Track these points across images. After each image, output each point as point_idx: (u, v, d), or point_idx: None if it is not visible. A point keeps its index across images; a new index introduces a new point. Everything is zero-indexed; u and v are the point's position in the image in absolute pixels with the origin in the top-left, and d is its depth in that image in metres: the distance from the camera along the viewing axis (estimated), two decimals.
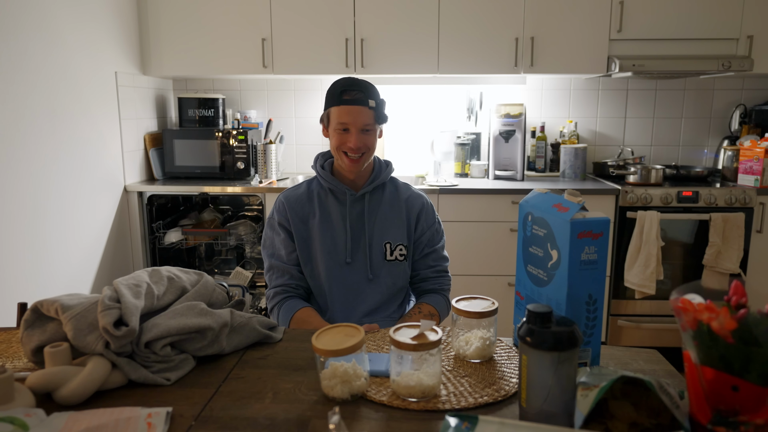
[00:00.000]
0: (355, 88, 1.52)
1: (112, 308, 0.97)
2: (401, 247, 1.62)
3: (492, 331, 1.09)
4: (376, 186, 1.64)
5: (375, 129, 1.56)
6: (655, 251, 2.82)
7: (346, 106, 1.51)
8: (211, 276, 1.30)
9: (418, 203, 1.66)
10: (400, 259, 1.62)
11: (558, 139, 3.48)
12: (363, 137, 1.53)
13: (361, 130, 1.52)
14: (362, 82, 1.55)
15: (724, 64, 2.89)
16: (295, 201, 1.62)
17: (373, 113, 1.53)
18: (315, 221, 1.61)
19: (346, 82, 1.54)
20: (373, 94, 1.55)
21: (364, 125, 1.52)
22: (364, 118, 1.52)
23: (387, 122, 1.61)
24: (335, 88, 1.54)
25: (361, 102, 1.51)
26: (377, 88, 1.58)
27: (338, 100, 1.52)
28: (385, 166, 1.69)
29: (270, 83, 3.56)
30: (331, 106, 1.55)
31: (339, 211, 1.61)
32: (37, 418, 0.82)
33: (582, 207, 0.99)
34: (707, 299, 0.75)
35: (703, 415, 0.76)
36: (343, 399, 0.93)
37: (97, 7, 2.75)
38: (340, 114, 1.52)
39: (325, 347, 0.93)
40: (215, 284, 1.22)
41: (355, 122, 1.51)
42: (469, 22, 3.02)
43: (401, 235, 1.62)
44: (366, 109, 1.52)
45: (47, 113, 2.40)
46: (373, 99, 1.54)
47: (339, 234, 1.59)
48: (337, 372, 0.94)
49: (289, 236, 1.61)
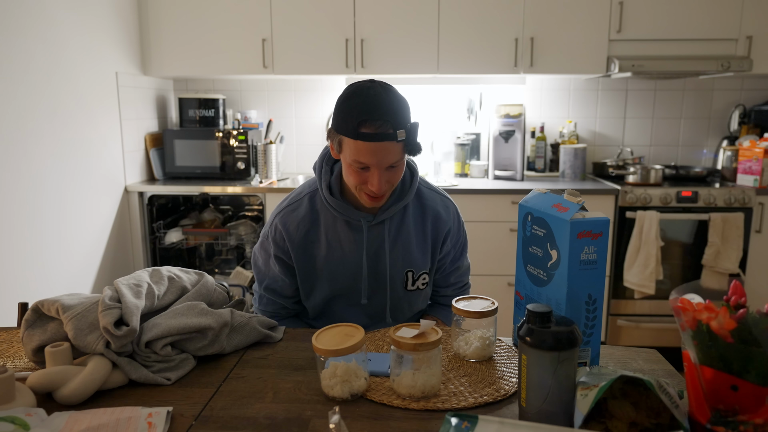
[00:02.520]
0: (377, 116, 1.13)
1: (112, 308, 0.98)
2: (424, 276, 1.38)
3: (492, 331, 1.09)
4: (399, 208, 1.34)
5: (403, 160, 1.22)
6: (655, 251, 2.83)
7: (367, 143, 1.14)
8: (212, 276, 1.29)
9: (446, 220, 1.39)
10: (422, 288, 1.39)
11: (557, 139, 3.48)
12: (388, 175, 1.20)
13: (386, 168, 1.19)
14: (386, 105, 1.14)
15: (724, 64, 2.89)
16: (295, 228, 1.31)
17: (403, 146, 1.18)
18: (321, 253, 1.32)
19: (365, 107, 1.14)
20: (402, 120, 1.16)
21: (391, 163, 1.18)
22: (391, 156, 1.17)
23: (420, 152, 1.22)
24: (350, 115, 1.15)
25: (386, 137, 1.14)
26: (406, 103, 1.20)
27: (354, 133, 1.15)
28: (410, 178, 1.35)
29: (270, 83, 3.56)
30: (344, 135, 1.17)
31: (353, 239, 1.31)
32: (38, 417, 0.82)
33: (581, 207, 0.99)
34: (706, 299, 0.75)
35: (702, 415, 0.76)
36: (343, 399, 0.93)
37: (97, 8, 2.76)
38: (358, 152, 1.16)
39: (325, 347, 0.93)
40: (215, 284, 1.22)
41: (380, 163, 1.17)
42: (469, 23, 3.03)
43: (425, 261, 1.37)
44: (392, 143, 1.15)
45: (48, 114, 2.40)
46: (402, 127, 1.16)
47: (353, 270, 1.32)
48: (337, 372, 0.94)
49: (288, 271, 1.36)
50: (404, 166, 1.26)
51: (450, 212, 1.43)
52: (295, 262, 1.34)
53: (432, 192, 1.43)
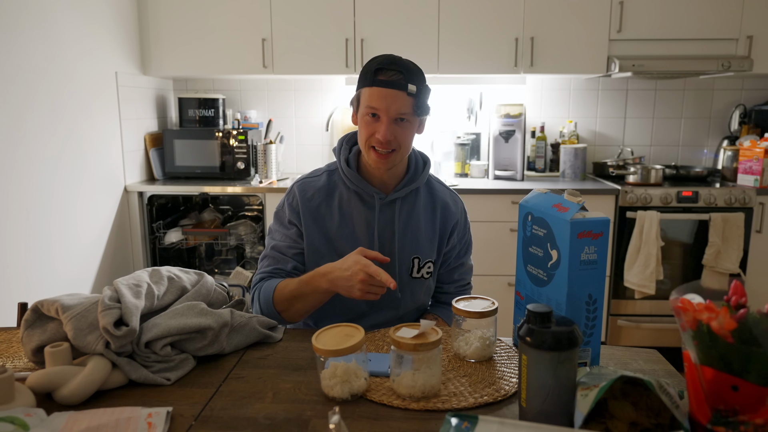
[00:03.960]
0: (393, 67, 1.26)
1: (112, 308, 0.97)
2: (429, 265, 1.41)
3: (492, 331, 1.09)
4: (410, 190, 1.40)
5: (413, 121, 1.30)
6: (655, 251, 2.83)
7: (380, 89, 1.25)
8: (212, 276, 1.29)
9: (454, 213, 1.45)
10: (426, 277, 1.42)
11: (558, 139, 3.48)
12: (395, 128, 1.27)
13: (393, 120, 1.27)
14: (404, 62, 1.28)
15: (724, 64, 2.89)
16: (311, 195, 1.38)
17: (412, 101, 1.27)
18: (332, 226, 1.37)
19: (385, 59, 1.28)
20: (416, 78, 1.27)
21: (399, 113, 1.26)
22: (400, 105, 1.25)
23: (429, 114, 1.34)
24: (371, 65, 1.28)
25: (398, 85, 1.25)
26: (423, 73, 1.31)
27: (371, 80, 1.26)
28: (422, 164, 1.43)
29: (270, 83, 3.56)
30: (363, 86, 1.29)
31: (364, 216, 1.37)
32: (38, 417, 0.82)
33: (582, 207, 0.99)
34: (707, 299, 0.75)
35: (702, 415, 0.76)
36: (343, 399, 0.93)
37: (97, 8, 2.75)
38: (371, 97, 1.26)
39: (325, 347, 0.93)
40: (215, 284, 1.22)
41: (388, 109, 1.25)
42: (469, 22, 3.03)
43: (431, 250, 1.41)
44: (403, 94, 1.25)
45: (47, 113, 2.40)
46: (415, 84, 1.26)
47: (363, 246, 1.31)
48: (337, 372, 0.94)
49: (299, 236, 1.38)
50: (413, 129, 1.33)
51: (458, 206, 1.48)
52: (305, 229, 1.37)
53: (442, 186, 1.50)
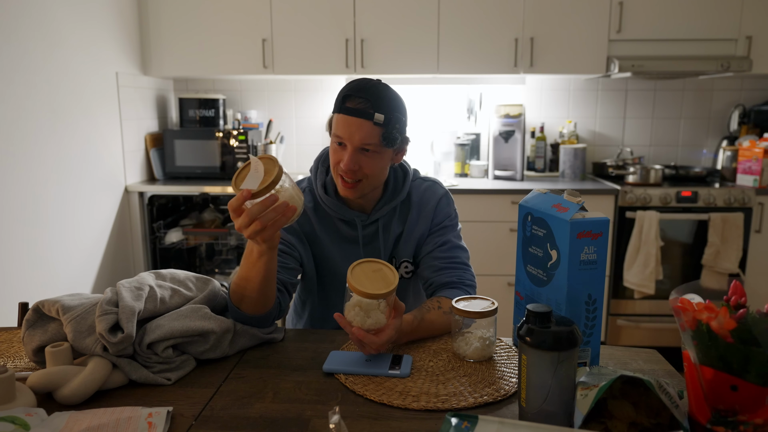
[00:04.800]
0: (361, 94, 1.20)
1: (108, 313, 0.97)
2: (406, 264, 1.39)
3: (492, 331, 1.09)
4: (392, 207, 1.37)
5: (380, 152, 1.23)
6: (655, 251, 2.83)
7: (345, 116, 1.20)
8: (212, 276, 1.29)
9: (431, 206, 1.38)
10: (407, 277, 1.40)
11: (557, 139, 3.49)
12: (360, 158, 1.22)
13: (358, 149, 1.21)
14: (373, 88, 1.21)
15: (723, 64, 2.89)
16: (302, 221, 1.37)
17: (380, 131, 1.20)
18: (325, 239, 1.36)
19: (355, 85, 1.22)
20: (384, 106, 1.20)
21: (363, 143, 1.20)
22: (364, 134, 1.19)
23: (405, 145, 1.28)
24: (342, 90, 1.24)
25: (363, 114, 1.19)
26: (400, 101, 1.25)
27: (339, 106, 1.22)
28: (402, 180, 1.38)
29: (270, 83, 3.56)
30: (333, 112, 1.26)
31: (350, 234, 1.37)
32: (38, 417, 0.83)
33: (581, 207, 0.99)
34: (706, 299, 0.76)
35: (702, 415, 0.76)
36: (359, 327, 1.02)
37: (97, 8, 2.76)
38: (337, 124, 1.22)
39: (359, 285, 1.01)
40: (221, 290, 1.22)
41: (351, 138, 1.20)
42: (468, 23, 3.03)
43: (406, 250, 1.38)
44: (369, 123, 1.19)
45: (48, 113, 2.40)
46: (383, 113, 1.19)
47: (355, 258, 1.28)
48: (361, 303, 1.03)
49: (298, 239, 1.35)
50: (382, 159, 1.25)
51: (436, 194, 1.40)
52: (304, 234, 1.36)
53: (420, 181, 1.42)
